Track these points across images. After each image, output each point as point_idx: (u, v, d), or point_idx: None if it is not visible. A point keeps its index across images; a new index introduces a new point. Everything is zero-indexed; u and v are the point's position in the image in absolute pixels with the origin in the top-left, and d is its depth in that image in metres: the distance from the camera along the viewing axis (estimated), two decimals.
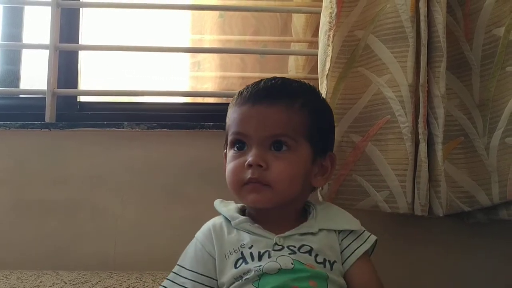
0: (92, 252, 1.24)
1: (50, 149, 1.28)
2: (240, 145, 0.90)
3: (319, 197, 1.14)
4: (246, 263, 0.84)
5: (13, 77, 1.49)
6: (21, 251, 1.23)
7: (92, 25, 1.60)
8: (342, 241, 0.91)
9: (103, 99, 1.52)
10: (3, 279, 1.06)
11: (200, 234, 0.91)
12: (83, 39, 1.48)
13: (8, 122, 1.28)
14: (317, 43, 1.24)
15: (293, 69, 1.64)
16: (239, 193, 0.90)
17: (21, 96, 1.50)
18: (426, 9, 1.11)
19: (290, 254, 0.85)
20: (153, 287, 1.05)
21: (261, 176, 0.86)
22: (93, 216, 1.26)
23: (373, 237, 0.92)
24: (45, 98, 1.33)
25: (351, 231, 0.92)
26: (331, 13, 1.18)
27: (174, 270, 0.88)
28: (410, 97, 1.10)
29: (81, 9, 1.47)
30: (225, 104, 1.61)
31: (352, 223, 0.93)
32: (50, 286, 1.04)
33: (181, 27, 2.13)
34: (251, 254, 0.85)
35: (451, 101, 1.18)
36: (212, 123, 1.29)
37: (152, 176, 1.28)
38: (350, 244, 0.91)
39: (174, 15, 2.06)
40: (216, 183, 1.13)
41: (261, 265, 0.83)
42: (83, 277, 1.08)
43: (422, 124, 1.10)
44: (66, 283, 1.05)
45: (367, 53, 1.17)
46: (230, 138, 0.92)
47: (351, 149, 1.16)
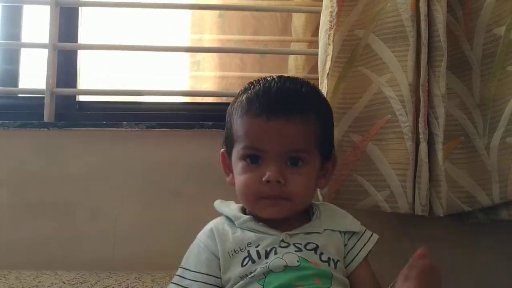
0: (91, 252, 1.23)
1: (49, 148, 1.28)
2: (254, 158, 0.88)
3: (319, 197, 1.14)
4: (253, 262, 0.84)
5: (12, 77, 1.48)
6: (19, 251, 1.22)
7: (91, 24, 1.59)
8: (348, 241, 0.92)
9: (102, 99, 1.51)
10: (1, 279, 1.05)
11: (202, 234, 0.91)
12: (82, 39, 1.48)
13: (6, 121, 1.27)
14: (317, 42, 1.24)
15: (293, 69, 1.63)
16: (254, 206, 0.90)
17: (20, 95, 1.50)
18: (426, 8, 1.11)
19: (296, 251, 0.85)
20: (152, 287, 1.05)
21: (281, 191, 0.86)
22: (92, 216, 1.25)
23: (375, 236, 0.94)
24: (44, 97, 1.32)
25: (354, 232, 0.93)
26: (331, 12, 1.17)
27: (178, 273, 0.88)
28: (410, 97, 1.10)
29: (80, 8, 1.47)
30: (224, 104, 1.62)
31: (354, 225, 0.94)
32: (49, 286, 1.04)
33: (181, 27, 2.13)
34: (258, 252, 0.85)
35: (451, 101, 1.18)
36: (211, 123, 1.29)
37: (151, 176, 1.27)
38: (355, 244, 0.92)
39: (173, 14, 2.05)
40: (215, 183, 1.13)
41: (267, 262, 0.83)
42: (82, 277, 1.07)
43: (422, 123, 1.10)
44: (65, 283, 1.05)
45: (368, 52, 1.17)
46: (242, 150, 0.89)
47: (351, 149, 1.16)
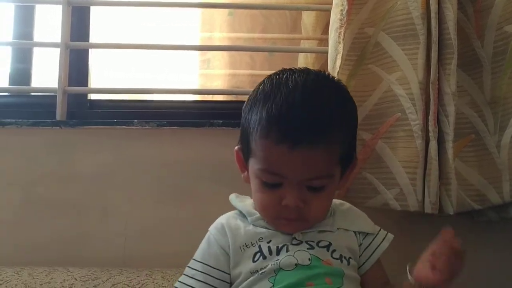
0: (102, 250, 1.24)
1: (61, 146, 1.29)
2: (273, 182, 0.84)
3: None
4: (264, 257, 0.84)
5: (25, 75, 1.49)
6: (32, 248, 1.24)
7: (102, 24, 1.60)
8: (363, 240, 0.91)
9: (113, 97, 1.52)
10: (14, 276, 1.06)
11: (213, 228, 0.91)
12: (94, 38, 1.49)
13: (19, 120, 1.28)
14: (327, 40, 1.24)
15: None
16: (272, 222, 0.88)
17: (32, 94, 1.51)
18: (436, 6, 1.11)
19: (308, 249, 0.85)
20: (162, 284, 1.06)
21: (300, 214, 0.84)
22: (103, 213, 1.26)
23: (390, 235, 0.93)
24: (56, 96, 1.33)
25: (368, 232, 0.92)
26: (341, 10, 1.17)
27: (189, 264, 0.89)
28: (420, 95, 1.09)
29: (91, 7, 1.48)
30: (234, 102, 1.63)
31: (368, 225, 0.93)
32: (61, 282, 1.05)
33: (191, 25, 2.13)
34: (269, 248, 0.85)
35: (462, 99, 1.17)
36: (221, 121, 1.29)
37: (162, 174, 1.28)
38: (371, 243, 0.91)
39: (183, 13, 2.06)
40: (226, 181, 1.13)
41: (278, 259, 0.83)
42: (94, 274, 1.08)
43: (432, 121, 1.10)
44: (76, 280, 1.05)
45: (378, 50, 1.17)
46: (260, 172, 0.84)
47: (361, 147, 1.16)
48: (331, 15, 1.22)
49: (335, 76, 1.14)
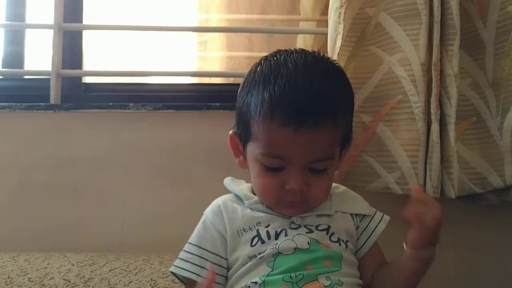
0: (99, 234, 1.24)
1: (55, 130, 1.28)
2: (275, 165, 0.83)
3: None
4: (262, 242, 0.83)
5: (17, 58, 1.47)
6: (28, 233, 1.23)
7: (96, 4, 1.58)
8: (360, 223, 0.91)
9: (108, 80, 1.50)
10: (10, 261, 1.06)
11: (209, 212, 0.90)
12: (88, 19, 1.46)
13: (13, 103, 1.27)
14: (326, 22, 1.23)
15: None
16: (272, 206, 0.87)
17: (25, 77, 1.49)
18: None
19: (307, 233, 0.84)
20: (160, 269, 1.05)
21: (302, 197, 0.84)
22: (99, 198, 1.25)
23: (386, 217, 0.93)
24: (49, 79, 1.31)
25: (365, 214, 0.92)
26: None
27: (184, 248, 0.88)
28: (422, 76, 1.08)
29: None
30: (232, 85, 1.61)
31: (364, 208, 0.93)
32: (57, 267, 1.04)
33: (188, 7, 2.10)
34: (268, 232, 0.84)
35: (464, 81, 1.16)
36: (218, 104, 1.28)
37: (158, 157, 1.27)
38: (368, 225, 0.91)
39: None
40: (223, 164, 1.11)
41: (277, 244, 0.82)
42: (91, 259, 1.08)
43: (434, 104, 1.09)
44: (73, 265, 1.05)
45: (379, 31, 1.15)
46: (262, 157, 0.82)
47: (361, 130, 1.15)
48: None
49: (335, 57, 1.13)
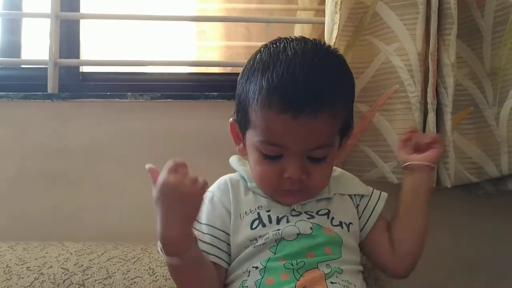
0: (97, 223, 1.24)
1: (53, 120, 1.27)
2: (273, 154, 0.83)
3: None
4: (263, 225, 0.84)
5: (14, 47, 1.47)
6: (26, 222, 1.23)
7: None
8: (359, 202, 0.92)
9: (106, 70, 1.50)
10: (9, 250, 1.06)
11: (216, 188, 0.90)
12: (85, 8, 1.45)
13: (10, 93, 1.26)
14: (324, 11, 1.22)
15: None
16: (271, 194, 0.87)
17: (22, 66, 1.49)
18: None
19: (308, 218, 0.85)
20: (158, 257, 1.05)
21: (301, 186, 0.84)
22: (97, 187, 1.25)
23: (384, 194, 0.94)
24: (47, 68, 1.31)
25: (363, 194, 0.94)
26: None
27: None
28: (419, 66, 1.08)
29: None
30: (230, 74, 1.60)
31: (362, 187, 0.95)
32: (56, 256, 1.04)
33: None
34: (269, 217, 0.84)
35: (461, 70, 1.16)
36: (216, 93, 1.28)
37: (156, 147, 1.27)
38: (367, 204, 0.92)
39: None
40: (221, 154, 1.11)
41: (279, 229, 0.82)
42: (89, 248, 1.08)
43: (431, 93, 1.09)
44: (72, 254, 1.05)
45: (376, 21, 1.15)
46: (260, 144, 0.82)
47: (358, 119, 1.15)
48: None
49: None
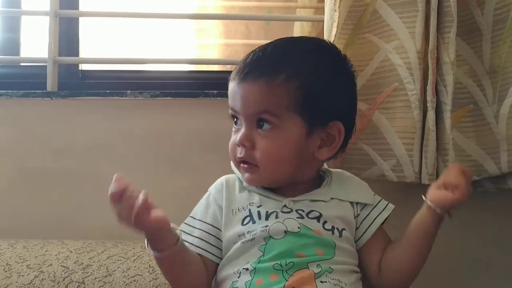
0: (97, 221, 1.23)
1: (52, 118, 1.27)
2: (235, 120, 0.90)
3: (325, 165, 1.13)
4: (253, 222, 0.85)
5: (13, 45, 1.47)
6: (26, 220, 1.23)
7: None
8: (360, 211, 0.91)
9: (105, 67, 1.50)
10: (9, 248, 1.06)
11: (213, 188, 0.94)
12: (84, 5, 1.45)
13: (9, 91, 1.26)
14: (323, 9, 1.22)
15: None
16: (238, 170, 0.91)
17: (22, 64, 1.48)
18: None
19: (297, 218, 0.85)
20: None
21: (247, 156, 0.86)
22: (97, 185, 1.25)
23: (391, 205, 0.93)
24: (46, 66, 1.31)
25: (367, 203, 0.91)
26: None
27: (185, 221, 0.91)
28: (418, 64, 1.08)
29: None
30: (229, 72, 1.60)
31: (367, 196, 0.93)
32: (56, 254, 1.04)
33: None
34: (259, 213, 0.86)
35: (460, 68, 1.16)
36: (216, 91, 1.27)
37: (155, 145, 1.27)
38: (369, 214, 0.91)
39: None
40: (220, 151, 1.11)
41: (267, 225, 0.83)
42: (89, 246, 1.08)
43: (430, 91, 1.09)
44: (71, 252, 1.05)
45: (375, 19, 1.15)
46: (229, 112, 0.91)
47: (358, 117, 1.13)
48: None
49: None
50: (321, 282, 0.79)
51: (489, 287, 1.26)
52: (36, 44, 1.51)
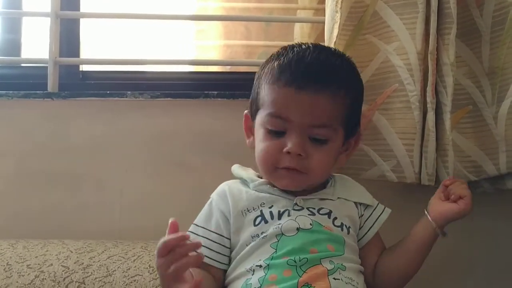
0: (97, 221, 1.24)
1: (53, 118, 1.27)
2: (277, 127, 0.87)
3: None
4: (265, 222, 0.86)
5: (14, 46, 1.47)
6: (26, 221, 1.23)
7: None
8: (364, 211, 0.93)
9: (106, 68, 1.50)
10: (9, 248, 1.06)
11: (215, 194, 0.93)
12: (85, 7, 1.45)
13: (10, 91, 1.26)
14: (323, 10, 1.22)
15: (298, 37, 1.60)
16: (271, 175, 0.90)
17: (22, 65, 1.48)
18: None
19: (309, 215, 0.86)
20: None
21: (299, 165, 0.86)
22: (97, 185, 1.26)
23: (388, 210, 0.96)
24: (47, 67, 1.31)
25: (368, 204, 0.94)
26: None
27: (189, 229, 0.91)
28: (418, 65, 1.08)
29: None
30: (229, 73, 1.61)
31: (368, 198, 0.96)
32: (56, 254, 1.04)
33: None
34: (271, 213, 0.86)
35: (459, 69, 1.16)
36: (216, 92, 1.27)
37: (156, 145, 1.27)
38: (371, 214, 0.94)
39: None
40: (220, 152, 1.12)
41: (280, 223, 0.84)
42: (89, 246, 1.08)
43: (430, 92, 1.09)
44: (72, 252, 1.05)
45: (375, 20, 1.15)
46: (266, 118, 0.88)
47: None
48: None
49: (332, 46, 1.13)
50: (334, 279, 0.80)
51: None
52: (37, 45, 1.51)
